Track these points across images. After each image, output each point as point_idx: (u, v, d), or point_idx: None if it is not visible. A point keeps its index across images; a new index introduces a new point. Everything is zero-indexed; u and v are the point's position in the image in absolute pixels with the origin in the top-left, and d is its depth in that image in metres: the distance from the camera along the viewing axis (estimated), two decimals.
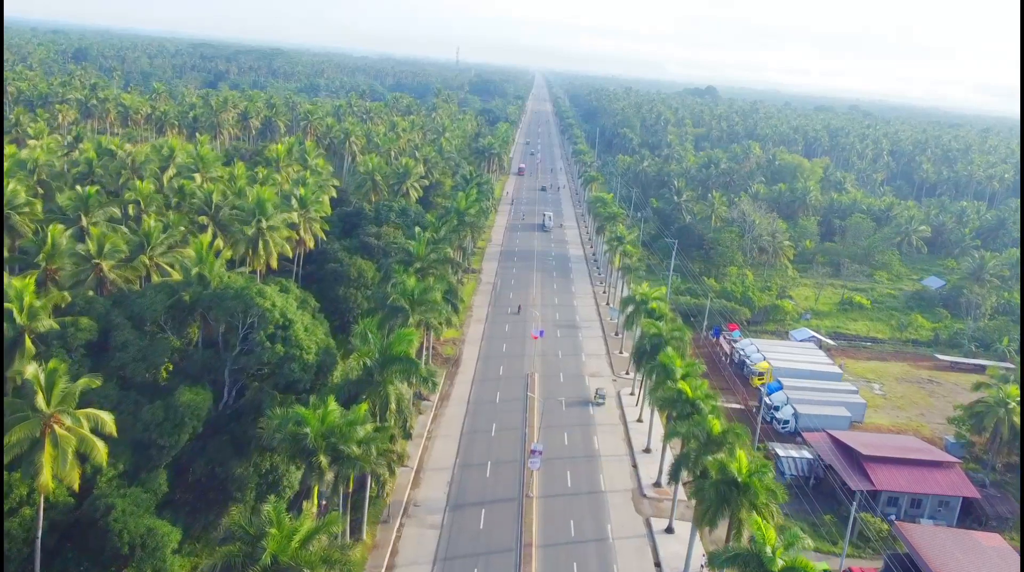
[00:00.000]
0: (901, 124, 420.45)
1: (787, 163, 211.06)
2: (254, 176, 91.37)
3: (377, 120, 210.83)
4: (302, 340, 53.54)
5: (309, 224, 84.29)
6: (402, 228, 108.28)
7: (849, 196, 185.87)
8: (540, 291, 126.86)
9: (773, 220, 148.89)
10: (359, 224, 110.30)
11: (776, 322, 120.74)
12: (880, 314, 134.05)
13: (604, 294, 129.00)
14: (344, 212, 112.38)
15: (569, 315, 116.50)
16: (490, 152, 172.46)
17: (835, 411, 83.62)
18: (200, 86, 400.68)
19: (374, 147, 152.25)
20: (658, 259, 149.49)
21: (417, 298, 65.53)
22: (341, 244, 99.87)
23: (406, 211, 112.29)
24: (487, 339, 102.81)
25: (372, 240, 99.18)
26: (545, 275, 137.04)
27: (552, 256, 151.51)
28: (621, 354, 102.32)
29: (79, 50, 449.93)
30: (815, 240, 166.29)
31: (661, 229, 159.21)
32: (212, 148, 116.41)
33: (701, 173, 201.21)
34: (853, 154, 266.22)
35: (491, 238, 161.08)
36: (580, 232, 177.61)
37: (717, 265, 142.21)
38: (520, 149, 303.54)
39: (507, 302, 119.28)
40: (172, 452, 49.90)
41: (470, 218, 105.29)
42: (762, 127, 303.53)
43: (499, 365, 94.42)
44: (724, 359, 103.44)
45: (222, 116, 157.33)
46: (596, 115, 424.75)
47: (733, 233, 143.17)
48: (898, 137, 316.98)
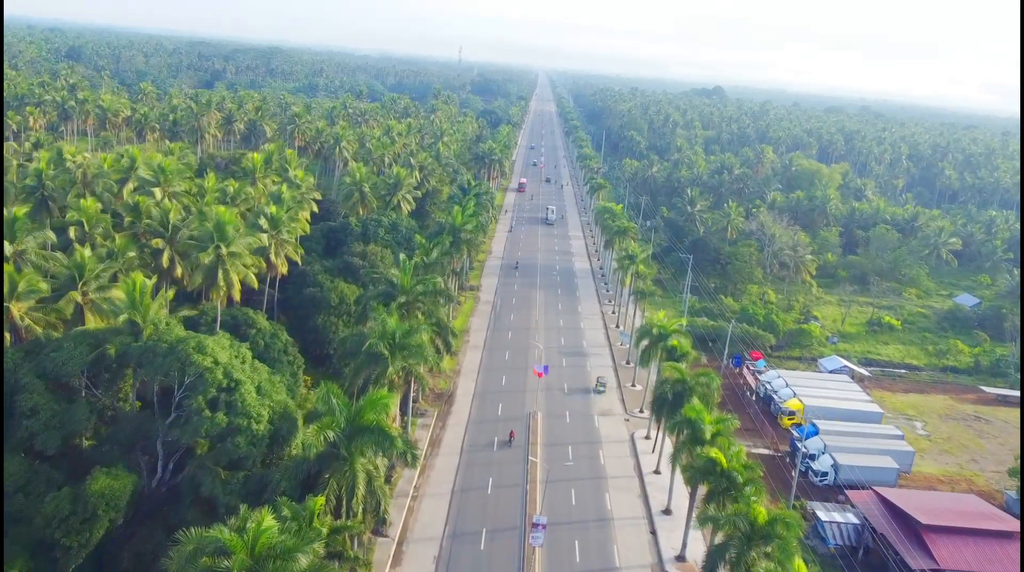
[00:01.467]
0: (915, 126, 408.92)
1: (804, 169, 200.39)
2: (224, 191, 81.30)
3: (372, 123, 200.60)
4: (251, 406, 43.39)
5: (281, 247, 74.14)
6: (391, 246, 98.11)
7: (871, 205, 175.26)
8: (543, 312, 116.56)
9: (795, 233, 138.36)
10: (344, 241, 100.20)
11: (802, 348, 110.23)
12: (912, 336, 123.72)
13: (613, 314, 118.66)
14: (328, 228, 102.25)
15: (575, 340, 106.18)
16: (490, 158, 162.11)
17: (881, 461, 73.25)
18: (196, 86, 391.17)
19: (367, 153, 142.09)
20: (670, 273, 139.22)
21: (399, 342, 55.30)
22: (322, 265, 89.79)
23: (396, 226, 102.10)
24: (485, 370, 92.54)
25: (357, 261, 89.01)
26: (549, 293, 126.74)
27: (557, 270, 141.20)
28: (634, 387, 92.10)
29: (73, 48, 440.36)
30: (837, 253, 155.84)
31: (673, 241, 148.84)
32: (186, 156, 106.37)
33: (713, 179, 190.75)
34: (871, 159, 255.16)
35: (491, 249, 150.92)
36: (586, 243, 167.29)
37: (734, 281, 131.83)
38: (523, 153, 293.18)
39: (508, 325, 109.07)
40: (83, 553, 39.71)
41: (467, 235, 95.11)
42: (774, 130, 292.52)
43: (497, 402, 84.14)
44: (748, 393, 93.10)
45: (203, 120, 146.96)
46: (601, 116, 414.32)
47: (752, 247, 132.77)
48: (915, 140, 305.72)
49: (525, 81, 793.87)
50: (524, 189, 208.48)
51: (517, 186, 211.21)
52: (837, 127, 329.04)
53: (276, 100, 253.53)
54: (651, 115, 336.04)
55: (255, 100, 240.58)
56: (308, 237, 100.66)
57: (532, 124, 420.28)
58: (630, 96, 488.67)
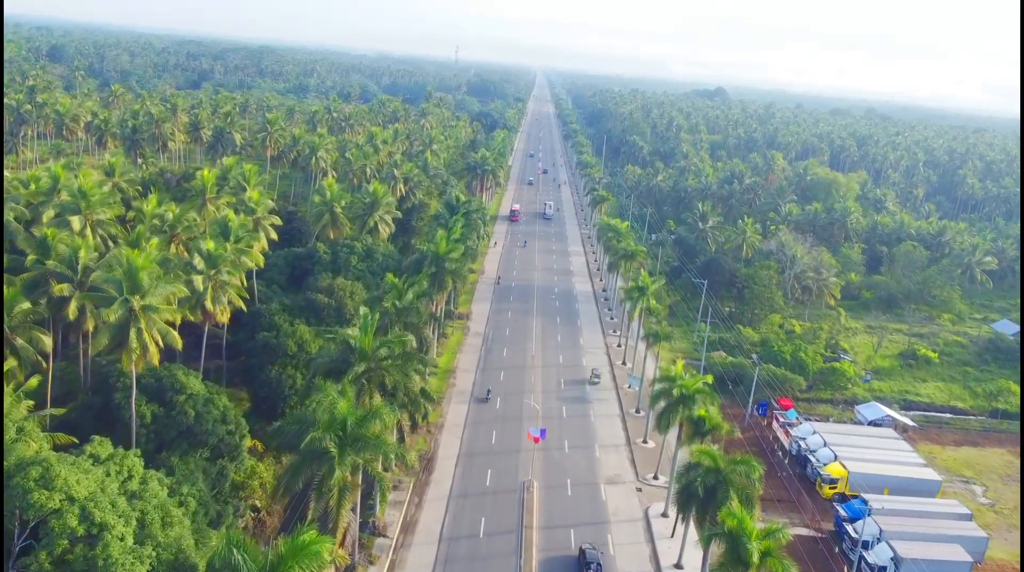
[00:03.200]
0: (926, 130, 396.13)
1: (820, 178, 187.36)
2: (164, 218, 68.04)
3: (358, 128, 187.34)
4: (117, 562, 30.27)
5: (221, 291, 61.03)
6: (365, 277, 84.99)
7: (894, 218, 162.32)
8: (541, 345, 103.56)
9: (819, 253, 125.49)
10: (311, 270, 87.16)
11: (833, 388, 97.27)
12: (951, 371, 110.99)
13: (619, 348, 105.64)
14: (293, 255, 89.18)
15: (578, 382, 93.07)
16: (483, 168, 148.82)
17: (950, 553, 60.33)
18: (183, 86, 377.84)
19: (346, 163, 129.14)
20: (679, 295, 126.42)
21: (351, 432, 42.30)
22: (282, 302, 76.69)
23: (372, 253, 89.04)
24: (472, 424, 79.52)
25: (322, 298, 75.87)
26: (547, 320, 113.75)
27: (555, 293, 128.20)
28: (645, 444, 79.16)
29: (55, 47, 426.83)
30: (860, 273, 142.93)
31: (682, 259, 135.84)
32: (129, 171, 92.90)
33: (723, 189, 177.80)
34: (886, 166, 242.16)
35: (483, 268, 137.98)
36: (587, 259, 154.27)
37: (751, 307, 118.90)
38: (520, 158, 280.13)
39: (500, 363, 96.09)
40: None
41: (452, 265, 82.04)
42: (783, 134, 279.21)
43: (486, 468, 71.13)
44: (778, 451, 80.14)
45: (165, 126, 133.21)
46: (601, 118, 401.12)
47: (771, 269, 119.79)
48: (929, 145, 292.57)
49: (523, 81, 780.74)
50: (517, 217, 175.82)
51: (510, 213, 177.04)
52: (848, 131, 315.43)
53: (259, 102, 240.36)
54: (654, 118, 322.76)
55: (233, 103, 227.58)
56: (270, 265, 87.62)
57: (529, 127, 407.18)
58: (631, 98, 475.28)
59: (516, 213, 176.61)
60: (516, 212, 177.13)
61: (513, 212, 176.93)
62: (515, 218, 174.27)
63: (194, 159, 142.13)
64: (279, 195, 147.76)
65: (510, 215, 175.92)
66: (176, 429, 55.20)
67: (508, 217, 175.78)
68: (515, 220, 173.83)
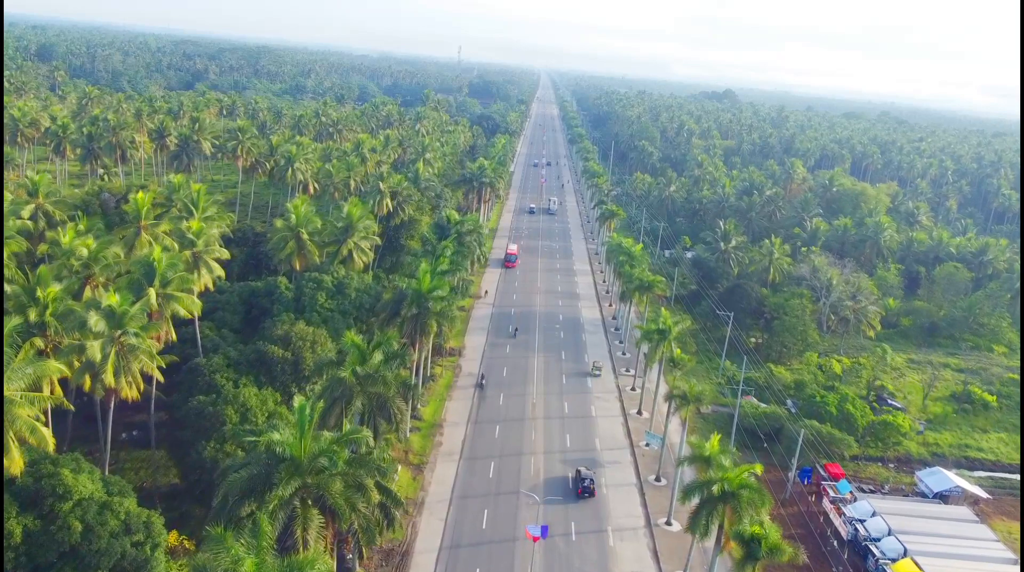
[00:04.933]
0: (946, 134, 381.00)
1: (846, 190, 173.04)
2: (68, 256, 54.38)
3: (348, 134, 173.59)
4: None
5: (128, 358, 47.45)
6: (333, 320, 71.33)
7: (933, 234, 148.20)
8: (543, 391, 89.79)
9: (859, 278, 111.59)
10: (269, 310, 73.41)
11: (884, 443, 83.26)
12: (1013, 417, 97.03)
13: (633, 391, 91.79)
14: (250, 291, 75.48)
15: (585, 440, 79.19)
16: (480, 180, 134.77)
17: None
18: (176, 87, 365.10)
19: (326, 175, 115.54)
20: (699, 324, 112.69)
21: None
22: (226, 355, 63.01)
23: (343, 288, 75.31)
24: (459, 500, 65.81)
25: (276, 350, 62.16)
26: (550, 357, 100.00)
27: (560, 322, 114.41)
28: (669, 527, 65.30)
29: (44, 47, 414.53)
30: (898, 297, 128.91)
31: (701, 283, 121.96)
32: (57, 193, 79.27)
33: (741, 201, 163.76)
34: (913, 174, 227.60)
35: (480, 291, 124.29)
36: (594, 279, 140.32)
37: (782, 340, 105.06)
38: (522, 165, 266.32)
39: (496, 413, 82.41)
40: None
41: (436, 305, 68.32)
42: (800, 140, 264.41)
43: (474, 566, 57.42)
44: (831, 537, 66.18)
45: (123, 134, 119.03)
46: (606, 121, 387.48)
47: (804, 298, 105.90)
48: (954, 151, 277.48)
49: (527, 82, 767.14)
50: (515, 263, 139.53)
51: (505, 255, 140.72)
52: (869, 137, 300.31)
53: (248, 104, 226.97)
54: (663, 122, 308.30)
55: (220, 105, 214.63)
56: (222, 303, 74.00)
57: (533, 131, 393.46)
58: (637, 100, 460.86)
59: (513, 257, 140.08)
60: (513, 256, 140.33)
61: (509, 256, 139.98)
62: (511, 264, 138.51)
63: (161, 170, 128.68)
64: (253, 211, 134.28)
65: (505, 259, 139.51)
66: (57, 549, 41.83)
67: (503, 261, 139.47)
68: (511, 266, 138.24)
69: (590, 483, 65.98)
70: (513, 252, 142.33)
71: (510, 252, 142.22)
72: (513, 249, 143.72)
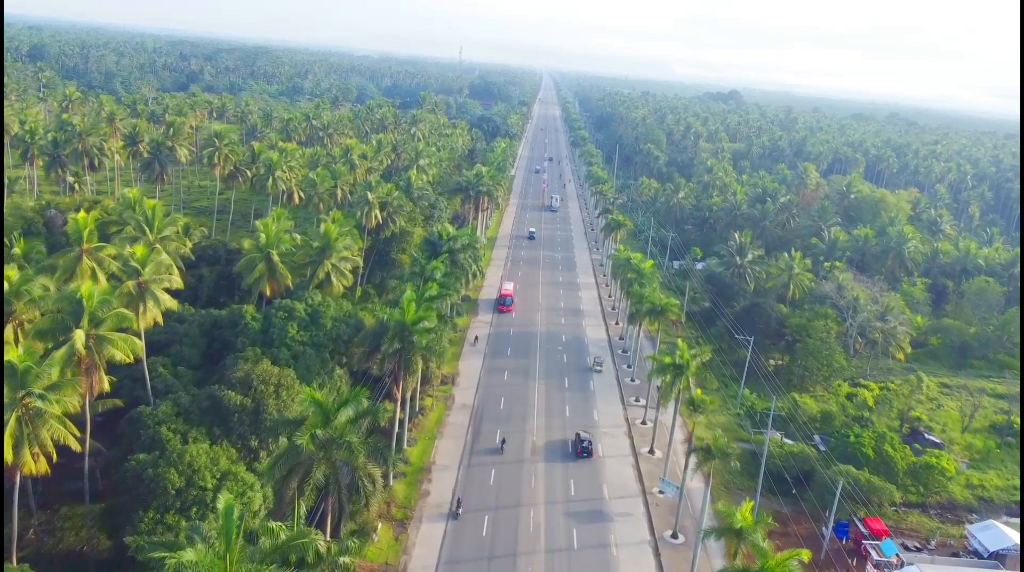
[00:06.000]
0: (958, 136, 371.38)
1: (865, 197, 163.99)
2: None
3: (339, 138, 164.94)
4: None
5: (35, 425, 38.82)
6: (305, 356, 62.73)
7: (960, 245, 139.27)
8: (545, 424, 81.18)
9: (889, 298, 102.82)
10: (233, 343, 64.81)
11: (926, 487, 74.44)
12: None
13: (644, 425, 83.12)
14: (212, 321, 66.85)
15: (592, 486, 70.51)
16: (476, 189, 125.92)
17: None
18: (171, 88, 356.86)
19: (309, 185, 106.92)
20: (713, 345, 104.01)
21: None
22: (176, 401, 54.44)
23: (318, 317, 66.69)
24: (447, 567, 57.11)
25: (232, 396, 53.54)
26: (551, 385, 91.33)
27: (563, 343, 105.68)
28: None
29: (36, 47, 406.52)
30: (926, 314, 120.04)
31: (715, 299, 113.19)
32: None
33: (754, 210, 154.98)
34: (931, 179, 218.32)
35: (477, 308, 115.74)
36: (599, 294, 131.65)
37: (804, 364, 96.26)
38: (523, 170, 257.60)
39: (491, 457, 73.77)
40: None
41: (423, 339, 59.70)
42: (811, 143, 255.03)
43: None
44: None
45: (90, 140, 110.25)
46: (609, 123, 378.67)
47: (829, 320, 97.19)
48: (971, 154, 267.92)
49: (528, 83, 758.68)
50: (510, 307, 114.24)
51: (498, 296, 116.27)
52: (882, 139, 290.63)
53: (238, 106, 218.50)
54: (668, 124, 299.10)
55: (209, 106, 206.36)
56: (180, 335, 65.44)
57: (535, 133, 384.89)
58: (642, 102, 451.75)
59: (507, 300, 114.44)
60: (507, 299, 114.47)
61: (503, 298, 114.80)
62: (506, 308, 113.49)
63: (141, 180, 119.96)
64: (238, 219, 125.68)
65: (498, 302, 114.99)
66: None
67: (495, 303, 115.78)
68: (506, 310, 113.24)
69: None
70: (508, 293, 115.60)
71: (504, 293, 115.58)
72: (508, 289, 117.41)
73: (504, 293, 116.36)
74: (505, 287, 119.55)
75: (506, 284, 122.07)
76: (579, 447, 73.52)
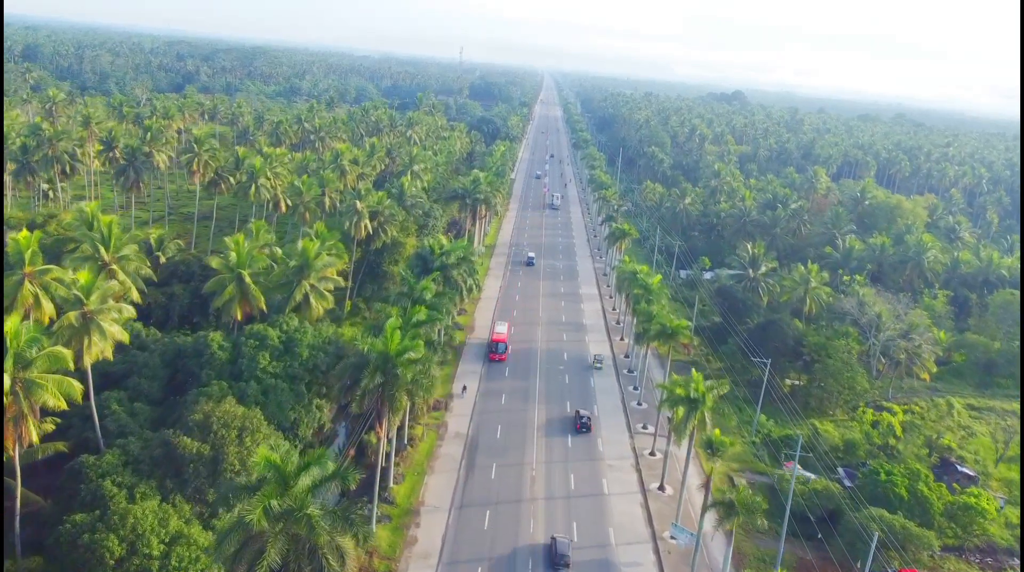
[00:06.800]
0: (968, 138, 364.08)
1: (879, 203, 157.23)
2: None
3: (331, 141, 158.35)
4: None
5: None
6: (276, 391, 56.30)
7: (981, 254, 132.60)
8: (545, 456, 74.65)
9: (916, 314, 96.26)
10: (198, 375, 58.33)
11: (963, 528, 67.83)
12: None
13: (653, 456, 76.57)
14: (175, 350, 60.24)
15: (597, 530, 63.92)
16: (473, 197, 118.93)
17: None
18: (166, 89, 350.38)
19: (296, 194, 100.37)
20: (724, 363, 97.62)
21: None
22: (126, 449, 48.05)
23: (293, 345, 60.22)
24: None
25: (187, 443, 47.10)
26: (552, 410, 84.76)
27: (564, 362, 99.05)
28: None
29: (29, 47, 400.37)
30: (949, 329, 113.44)
31: (727, 314, 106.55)
32: None
33: (764, 216, 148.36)
34: (945, 183, 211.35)
35: (473, 322, 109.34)
36: (603, 306, 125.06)
37: (823, 385, 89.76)
38: (524, 174, 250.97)
39: (486, 493, 67.28)
40: None
41: (408, 372, 53.14)
42: (820, 145, 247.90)
43: None
44: None
45: (60, 145, 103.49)
46: (612, 124, 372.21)
47: (851, 339, 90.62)
48: (984, 157, 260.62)
49: (529, 83, 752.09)
50: (504, 355, 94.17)
51: (488, 345, 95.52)
52: (893, 142, 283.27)
53: (230, 108, 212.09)
54: (673, 126, 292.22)
55: (200, 109, 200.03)
56: (139, 366, 58.92)
57: (536, 135, 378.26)
58: (645, 103, 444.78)
59: (500, 346, 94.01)
60: (500, 345, 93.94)
61: (495, 344, 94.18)
62: (498, 356, 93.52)
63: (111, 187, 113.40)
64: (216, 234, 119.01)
65: (489, 349, 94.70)
66: None
67: (487, 350, 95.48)
68: (498, 358, 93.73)
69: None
70: (501, 337, 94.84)
71: (497, 337, 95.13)
72: (502, 332, 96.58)
73: (496, 338, 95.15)
74: (497, 330, 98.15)
75: (499, 326, 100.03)
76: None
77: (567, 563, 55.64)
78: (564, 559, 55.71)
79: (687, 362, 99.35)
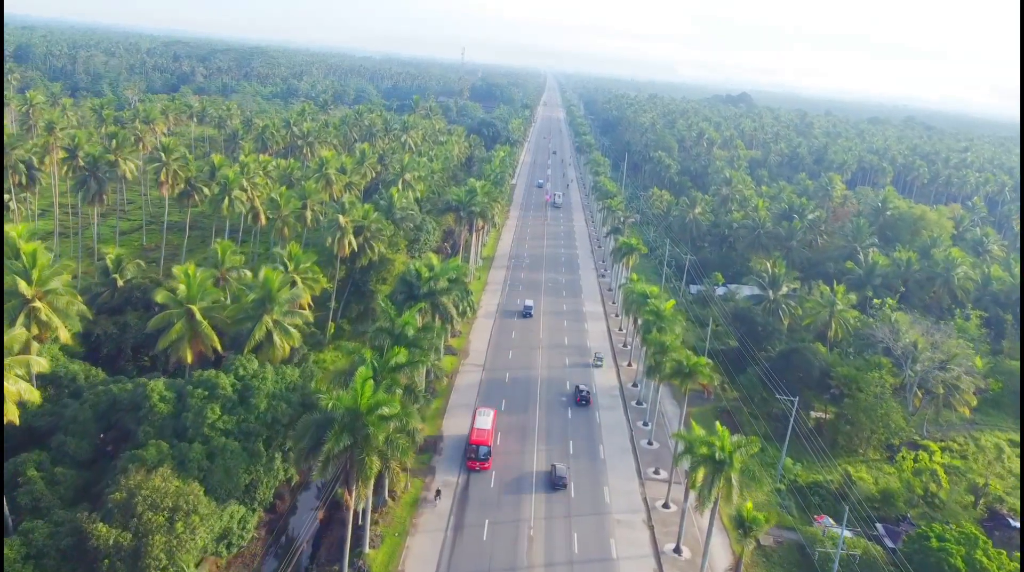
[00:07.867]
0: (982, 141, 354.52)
1: (902, 213, 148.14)
2: None
3: (320, 147, 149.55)
4: None
5: None
6: (226, 453, 47.65)
7: (1013, 270, 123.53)
8: (543, 510, 65.82)
9: (949, 342, 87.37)
10: (134, 433, 49.62)
11: None
12: None
13: (667, 509, 67.77)
14: (110, 402, 51.45)
15: None
16: (468, 210, 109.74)
17: None
18: (161, 90, 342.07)
19: (275, 207, 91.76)
20: (740, 392, 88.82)
21: None
22: (23, 540, 39.33)
23: (248, 395, 51.44)
24: None
25: (106, 531, 38.29)
26: (553, 451, 75.94)
27: (567, 393, 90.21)
28: None
29: (21, 47, 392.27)
30: (985, 354, 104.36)
31: (744, 340, 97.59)
32: None
33: (779, 227, 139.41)
34: (965, 190, 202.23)
35: (468, 347, 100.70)
36: (608, 326, 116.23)
37: (853, 421, 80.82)
38: (525, 180, 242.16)
39: (477, 558, 58.43)
40: None
41: (381, 432, 44.45)
42: (833, 150, 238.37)
43: None
44: None
45: (15, 153, 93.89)
46: (616, 127, 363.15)
47: (884, 370, 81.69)
48: (1003, 162, 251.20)
49: (532, 84, 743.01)
50: (485, 461, 69.30)
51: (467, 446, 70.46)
52: (908, 146, 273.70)
53: (219, 111, 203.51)
54: (680, 129, 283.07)
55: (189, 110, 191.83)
56: (66, 421, 50.24)
57: (538, 138, 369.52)
58: (650, 105, 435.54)
59: (482, 451, 69.51)
60: (482, 449, 69.54)
61: (475, 448, 69.49)
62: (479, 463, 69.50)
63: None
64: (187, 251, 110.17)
65: (467, 453, 70.27)
66: None
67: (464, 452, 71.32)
68: (479, 467, 69.38)
69: None
70: (483, 439, 70.01)
71: (477, 438, 70.23)
72: (484, 429, 71.46)
73: (476, 439, 69.63)
74: (478, 425, 72.10)
75: (480, 416, 74.05)
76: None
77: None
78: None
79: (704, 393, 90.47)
